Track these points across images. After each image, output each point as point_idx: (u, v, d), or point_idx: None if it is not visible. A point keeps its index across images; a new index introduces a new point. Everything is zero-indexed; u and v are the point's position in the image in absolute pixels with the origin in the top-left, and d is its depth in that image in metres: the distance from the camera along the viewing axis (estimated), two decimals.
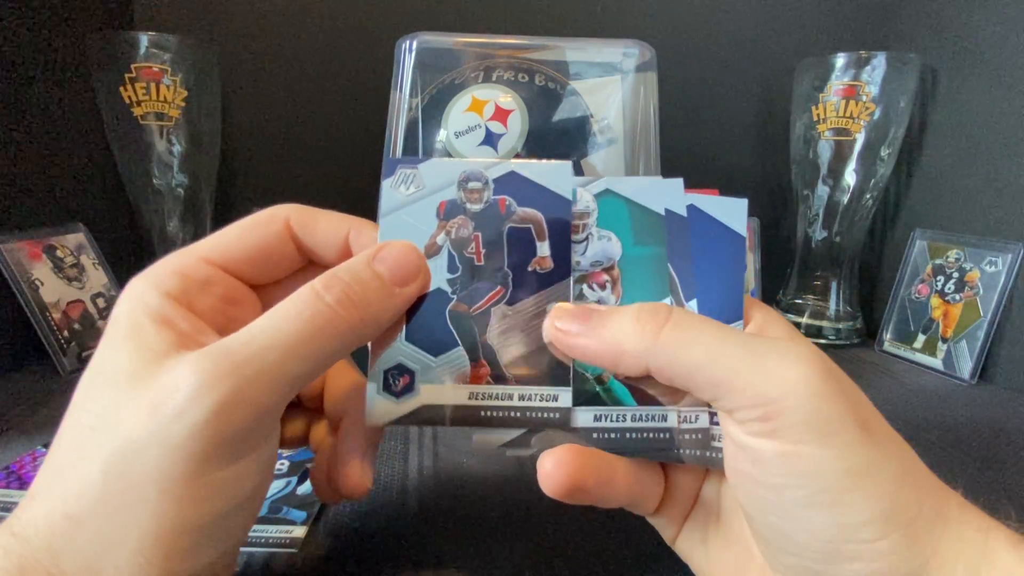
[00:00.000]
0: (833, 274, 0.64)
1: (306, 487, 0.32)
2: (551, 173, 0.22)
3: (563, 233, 0.22)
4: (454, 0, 0.65)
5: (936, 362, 0.55)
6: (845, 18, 0.69)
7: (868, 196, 0.61)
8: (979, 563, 0.17)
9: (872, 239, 0.67)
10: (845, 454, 0.17)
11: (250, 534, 0.28)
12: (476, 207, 0.22)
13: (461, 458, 0.36)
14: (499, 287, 0.22)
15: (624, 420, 0.21)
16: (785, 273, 0.68)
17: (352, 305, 0.18)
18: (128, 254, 0.61)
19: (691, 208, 0.22)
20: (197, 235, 0.60)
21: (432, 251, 0.22)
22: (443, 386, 0.21)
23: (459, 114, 0.43)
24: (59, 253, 0.50)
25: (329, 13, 0.64)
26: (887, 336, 0.60)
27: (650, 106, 0.49)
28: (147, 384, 0.16)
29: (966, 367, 0.52)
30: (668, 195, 0.22)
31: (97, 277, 0.53)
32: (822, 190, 0.62)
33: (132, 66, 0.52)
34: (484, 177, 0.22)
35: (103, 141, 0.56)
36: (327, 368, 0.19)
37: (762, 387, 0.17)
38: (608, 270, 0.22)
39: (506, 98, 0.43)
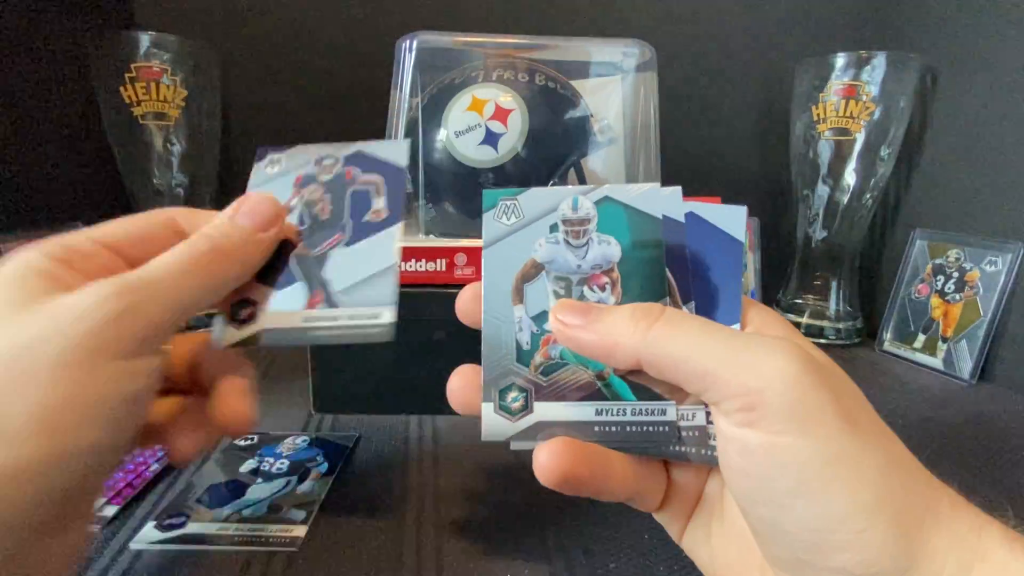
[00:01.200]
0: (833, 274, 0.64)
1: (306, 487, 0.32)
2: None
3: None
4: (454, 0, 0.65)
5: (936, 362, 0.55)
6: (845, 18, 0.69)
7: (868, 196, 0.61)
8: (971, 559, 0.17)
9: (872, 239, 0.67)
10: (825, 444, 0.17)
11: (250, 534, 0.28)
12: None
13: (461, 460, 0.36)
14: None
15: (624, 414, 0.22)
16: (785, 273, 0.68)
17: (221, 253, 0.22)
18: None
19: (690, 215, 0.23)
20: None
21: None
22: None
23: (459, 113, 0.43)
24: None
25: (329, 13, 0.64)
26: (887, 336, 0.60)
27: (650, 106, 0.49)
28: (40, 306, 0.18)
29: (966, 367, 0.52)
30: (666, 202, 0.23)
31: None
32: (822, 190, 0.62)
33: (132, 66, 0.53)
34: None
35: (103, 141, 0.56)
36: (210, 300, 0.22)
37: (744, 377, 0.18)
38: (608, 272, 0.23)
39: (506, 97, 0.43)
